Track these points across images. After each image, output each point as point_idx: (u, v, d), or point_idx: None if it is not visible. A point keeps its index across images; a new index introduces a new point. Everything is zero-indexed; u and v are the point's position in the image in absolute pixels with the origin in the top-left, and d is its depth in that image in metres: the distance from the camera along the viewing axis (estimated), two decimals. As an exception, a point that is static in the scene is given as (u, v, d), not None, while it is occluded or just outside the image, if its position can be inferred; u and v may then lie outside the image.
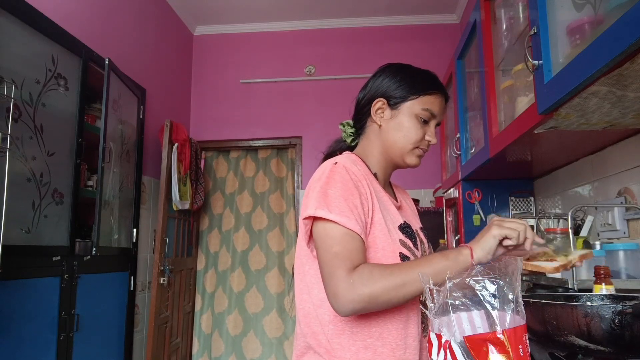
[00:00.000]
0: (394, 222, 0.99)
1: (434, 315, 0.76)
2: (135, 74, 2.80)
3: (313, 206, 0.89)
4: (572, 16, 1.06)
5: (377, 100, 1.05)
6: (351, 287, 0.82)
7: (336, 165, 0.94)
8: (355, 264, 0.85)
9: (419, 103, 1.02)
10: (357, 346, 0.91)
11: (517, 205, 2.22)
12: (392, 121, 1.03)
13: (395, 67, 1.08)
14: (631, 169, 1.43)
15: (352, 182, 0.92)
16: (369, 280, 0.82)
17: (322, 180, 0.92)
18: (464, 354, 0.72)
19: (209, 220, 3.73)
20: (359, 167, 0.99)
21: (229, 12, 3.58)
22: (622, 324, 0.78)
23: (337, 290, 0.83)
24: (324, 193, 0.90)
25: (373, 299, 0.82)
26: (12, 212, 1.70)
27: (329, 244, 0.87)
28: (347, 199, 0.89)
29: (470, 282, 0.74)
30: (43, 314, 1.93)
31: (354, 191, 0.91)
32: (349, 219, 0.87)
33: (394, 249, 0.94)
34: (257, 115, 3.68)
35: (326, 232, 0.88)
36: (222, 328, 3.54)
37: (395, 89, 1.03)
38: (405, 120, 1.02)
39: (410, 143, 1.02)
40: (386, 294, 0.82)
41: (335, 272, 0.84)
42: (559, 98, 1.03)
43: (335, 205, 0.88)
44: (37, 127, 1.89)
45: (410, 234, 1.00)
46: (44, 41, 1.96)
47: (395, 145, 1.03)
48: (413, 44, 3.62)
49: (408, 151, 1.03)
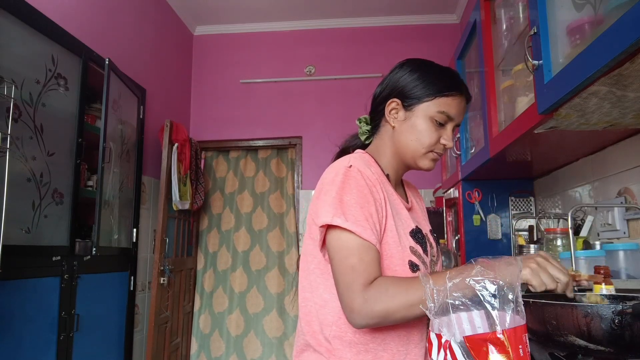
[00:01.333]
0: (405, 227, 0.96)
1: (434, 315, 0.76)
2: (135, 74, 2.80)
3: (330, 213, 0.86)
4: (572, 16, 1.06)
5: (392, 101, 1.00)
6: (367, 303, 0.81)
7: (351, 169, 0.91)
8: (371, 278, 0.83)
9: (434, 105, 0.96)
10: (358, 349, 0.91)
11: (517, 205, 2.22)
12: (405, 123, 0.99)
13: (413, 63, 1.02)
14: (631, 169, 1.43)
15: (367, 188, 0.89)
16: (385, 297, 0.81)
17: (336, 184, 0.89)
18: (464, 354, 0.72)
19: (208, 220, 3.73)
20: (373, 169, 0.96)
21: (229, 12, 3.58)
22: (622, 324, 0.78)
23: (353, 305, 0.82)
24: (339, 199, 0.87)
25: (389, 315, 0.81)
26: (12, 212, 1.70)
27: (345, 255, 0.85)
28: (363, 206, 0.87)
29: (470, 282, 0.74)
30: (43, 314, 1.93)
31: (369, 198, 0.89)
32: (364, 228, 0.85)
33: (404, 256, 0.92)
34: (257, 115, 3.68)
35: (342, 242, 0.86)
36: (222, 328, 3.54)
37: (411, 89, 0.98)
38: (419, 123, 0.97)
39: (423, 147, 0.98)
40: (401, 312, 0.81)
41: (351, 286, 0.83)
42: (559, 98, 1.03)
43: (352, 213, 0.86)
44: (37, 127, 1.90)
45: (420, 240, 0.98)
46: (44, 41, 1.96)
47: (407, 148, 0.99)
48: (413, 44, 3.62)
49: (421, 155, 0.99)
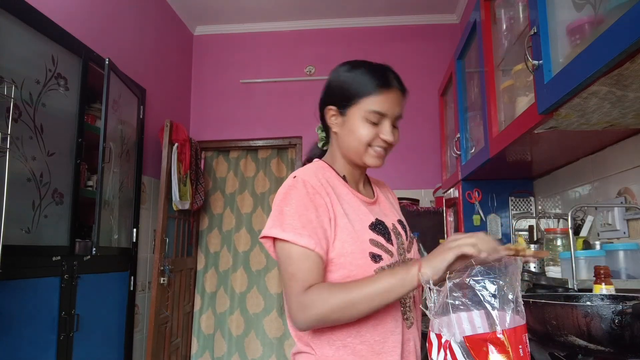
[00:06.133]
0: (364, 222, 0.98)
1: (434, 315, 0.76)
2: (135, 74, 2.80)
3: (269, 226, 0.93)
4: (572, 16, 1.07)
5: (328, 109, 1.04)
6: (302, 308, 0.88)
7: (294, 180, 0.96)
8: (307, 284, 0.88)
9: (365, 105, 0.98)
10: (337, 345, 0.94)
11: (517, 205, 2.22)
12: (344, 127, 1.02)
13: (341, 68, 1.05)
14: (631, 169, 1.43)
15: (308, 197, 0.93)
16: (318, 302, 0.87)
17: (279, 197, 0.95)
18: (464, 354, 0.72)
19: (209, 220, 3.73)
20: (322, 175, 1.00)
21: (229, 12, 3.58)
22: (622, 324, 0.78)
23: (291, 310, 0.89)
24: (280, 211, 0.93)
25: (323, 318, 0.87)
26: (12, 212, 1.70)
27: (286, 263, 0.91)
28: (302, 214, 0.91)
29: (470, 282, 0.74)
30: (43, 314, 1.93)
31: (308, 205, 0.92)
32: (301, 235, 0.89)
33: (363, 249, 0.94)
34: (257, 115, 3.68)
35: (282, 252, 0.92)
36: (224, 328, 3.54)
37: (341, 94, 1.01)
38: (355, 124, 1.00)
39: (362, 145, 1.00)
40: (335, 314, 0.87)
41: (290, 293, 0.89)
42: (559, 98, 1.03)
43: (288, 223, 0.91)
44: (37, 127, 1.89)
45: (382, 231, 0.99)
46: (44, 41, 1.96)
47: (350, 149, 1.03)
48: (413, 44, 3.62)
49: (363, 153, 1.01)
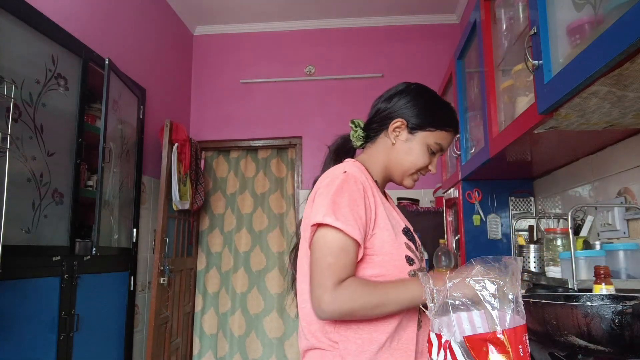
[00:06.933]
0: (399, 226, 1.04)
1: (434, 315, 0.76)
2: (135, 74, 2.80)
3: (321, 213, 0.94)
4: (572, 16, 1.06)
5: (398, 120, 1.08)
6: (334, 300, 0.90)
7: (346, 175, 0.99)
8: (343, 277, 0.92)
9: (434, 136, 1.08)
10: (363, 339, 0.95)
11: (517, 205, 2.22)
12: (405, 144, 1.09)
13: (421, 91, 1.12)
14: (631, 169, 1.43)
15: (359, 193, 0.97)
16: (351, 297, 0.90)
17: (331, 188, 0.97)
18: (464, 354, 0.72)
19: (209, 220, 3.73)
20: (365, 176, 1.04)
21: (229, 12, 3.58)
22: (622, 324, 0.78)
23: (321, 300, 0.91)
24: (332, 201, 0.95)
25: (352, 313, 0.92)
26: (12, 212, 1.70)
27: (325, 252, 0.93)
28: (353, 209, 0.95)
29: (470, 282, 0.74)
30: (43, 314, 1.93)
31: (360, 202, 0.96)
32: (353, 227, 0.93)
33: (401, 252, 0.99)
34: (257, 115, 3.68)
35: (325, 240, 0.93)
36: (226, 328, 3.55)
37: (417, 116, 1.08)
38: (417, 148, 1.08)
39: (414, 168, 1.09)
40: (363, 311, 0.92)
41: (324, 283, 0.91)
42: (559, 98, 1.02)
43: (342, 213, 0.93)
44: (37, 127, 1.89)
45: (411, 237, 1.06)
46: (44, 41, 1.96)
47: (400, 165, 1.10)
48: (413, 44, 3.62)
49: (408, 175, 1.11)
